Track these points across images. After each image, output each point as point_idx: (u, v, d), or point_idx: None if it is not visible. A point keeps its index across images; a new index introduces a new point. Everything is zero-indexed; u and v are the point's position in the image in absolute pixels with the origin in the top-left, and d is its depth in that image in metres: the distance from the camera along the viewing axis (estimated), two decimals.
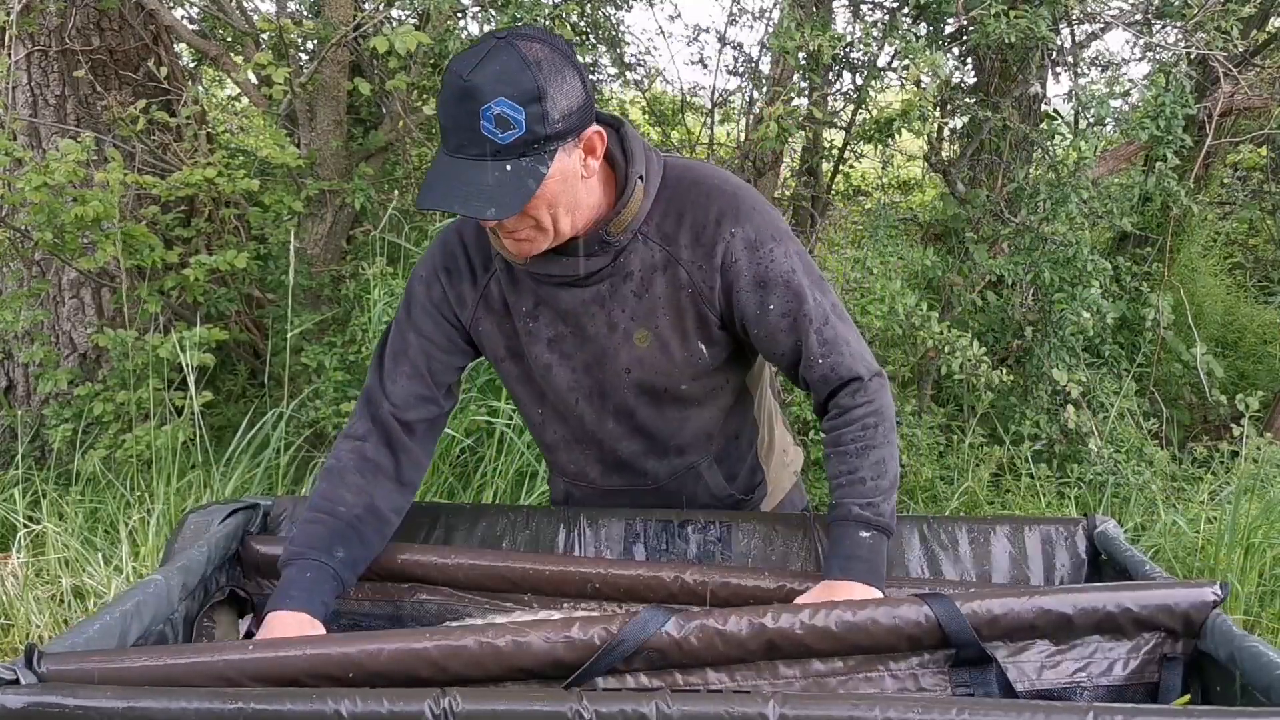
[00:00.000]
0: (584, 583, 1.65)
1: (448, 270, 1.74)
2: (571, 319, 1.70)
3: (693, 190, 1.66)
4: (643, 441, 1.82)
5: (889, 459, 1.66)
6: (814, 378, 1.68)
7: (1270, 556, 3.45)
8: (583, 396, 1.77)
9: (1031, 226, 4.24)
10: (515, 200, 1.46)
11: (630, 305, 1.68)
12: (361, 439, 1.71)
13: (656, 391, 1.75)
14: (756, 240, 1.63)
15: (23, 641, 3.01)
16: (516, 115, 1.43)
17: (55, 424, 3.70)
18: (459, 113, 1.44)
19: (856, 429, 1.66)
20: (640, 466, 1.86)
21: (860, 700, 1.06)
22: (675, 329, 1.69)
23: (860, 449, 1.65)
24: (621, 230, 1.62)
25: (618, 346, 1.70)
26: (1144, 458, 4.17)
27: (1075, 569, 1.72)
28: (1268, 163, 6.14)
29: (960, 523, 1.79)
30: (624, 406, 1.77)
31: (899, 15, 4.45)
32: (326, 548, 1.61)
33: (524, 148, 1.45)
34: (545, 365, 1.75)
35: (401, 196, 4.30)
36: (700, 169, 1.72)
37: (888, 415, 1.69)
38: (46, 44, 3.96)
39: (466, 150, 1.45)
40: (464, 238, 1.74)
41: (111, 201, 3.42)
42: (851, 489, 1.63)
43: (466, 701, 1.01)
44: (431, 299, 1.75)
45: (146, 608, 1.39)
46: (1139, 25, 4.77)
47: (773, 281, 1.64)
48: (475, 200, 1.45)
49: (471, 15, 4.47)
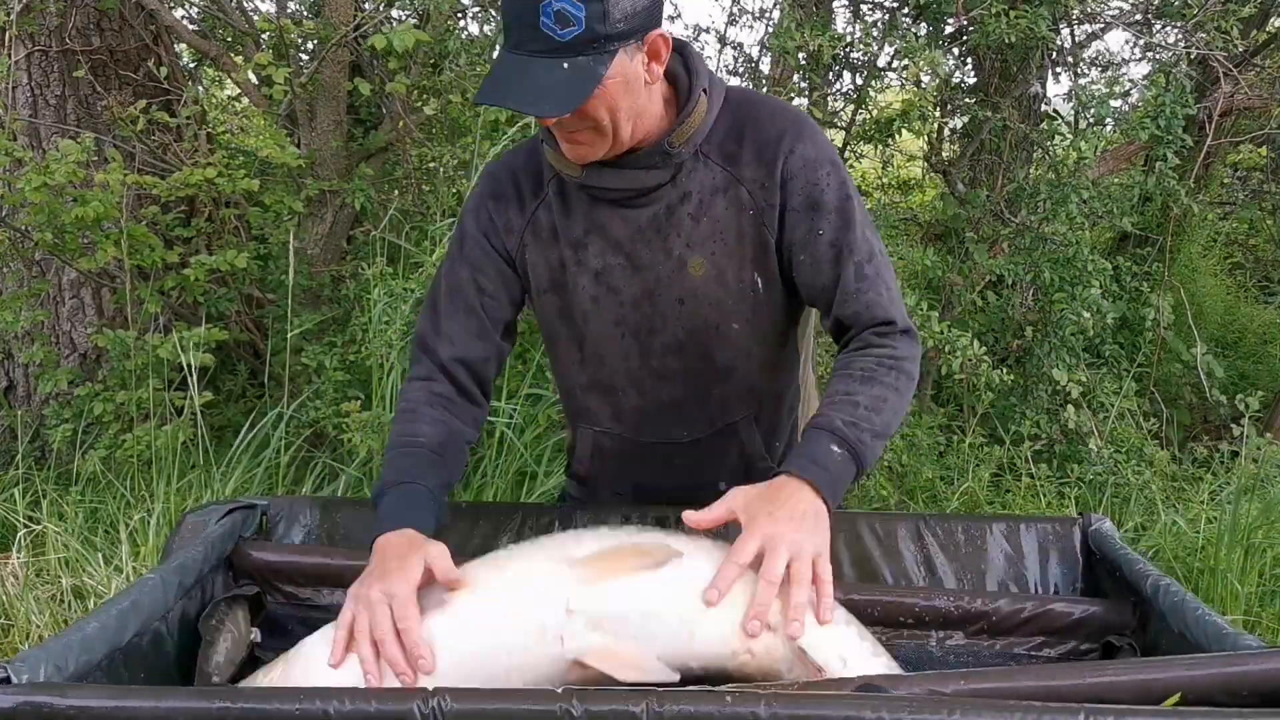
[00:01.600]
0: None
1: (494, 197, 1.71)
2: (624, 247, 1.66)
3: (755, 109, 1.63)
4: (685, 386, 1.76)
5: (892, 401, 1.54)
6: (846, 313, 1.61)
7: (1270, 556, 3.45)
8: (629, 331, 1.72)
9: (1031, 226, 4.24)
10: (572, 99, 1.43)
11: (687, 229, 1.64)
12: (425, 379, 1.69)
13: (708, 328, 1.69)
14: (816, 160, 1.60)
15: (23, 641, 3.01)
16: (576, 12, 1.40)
17: (55, 424, 3.71)
18: (521, 8, 1.42)
19: (870, 361, 1.56)
20: (679, 415, 1.79)
21: (853, 700, 1.06)
22: (733, 255, 1.64)
23: (865, 378, 1.54)
24: (684, 142, 1.59)
25: (672, 275, 1.66)
26: (1144, 458, 4.17)
27: (1070, 568, 1.72)
28: (1268, 163, 6.14)
29: (956, 521, 1.79)
30: (672, 343, 1.71)
31: (899, 15, 4.45)
32: (416, 476, 1.57)
33: (583, 46, 1.42)
34: (591, 298, 1.70)
35: (401, 196, 4.30)
36: (763, 95, 1.70)
37: (908, 369, 1.58)
38: (46, 44, 3.97)
39: (526, 46, 1.43)
40: (513, 166, 1.71)
41: (112, 202, 3.42)
42: (841, 406, 1.51)
43: (455, 701, 1.01)
44: (480, 227, 1.71)
45: (142, 607, 1.40)
46: (1139, 25, 4.77)
47: (825, 206, 1.60)
48: (531, 96, 1.43)
49: (471, 15, 4.48)
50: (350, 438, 3.46)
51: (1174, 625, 1.39)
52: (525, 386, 3.62)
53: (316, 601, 1.67)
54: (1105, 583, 1.67)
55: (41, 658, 1.17)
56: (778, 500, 1.42)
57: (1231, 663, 1.13)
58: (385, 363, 3.50)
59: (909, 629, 1.63)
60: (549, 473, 3.56)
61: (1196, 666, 1.14)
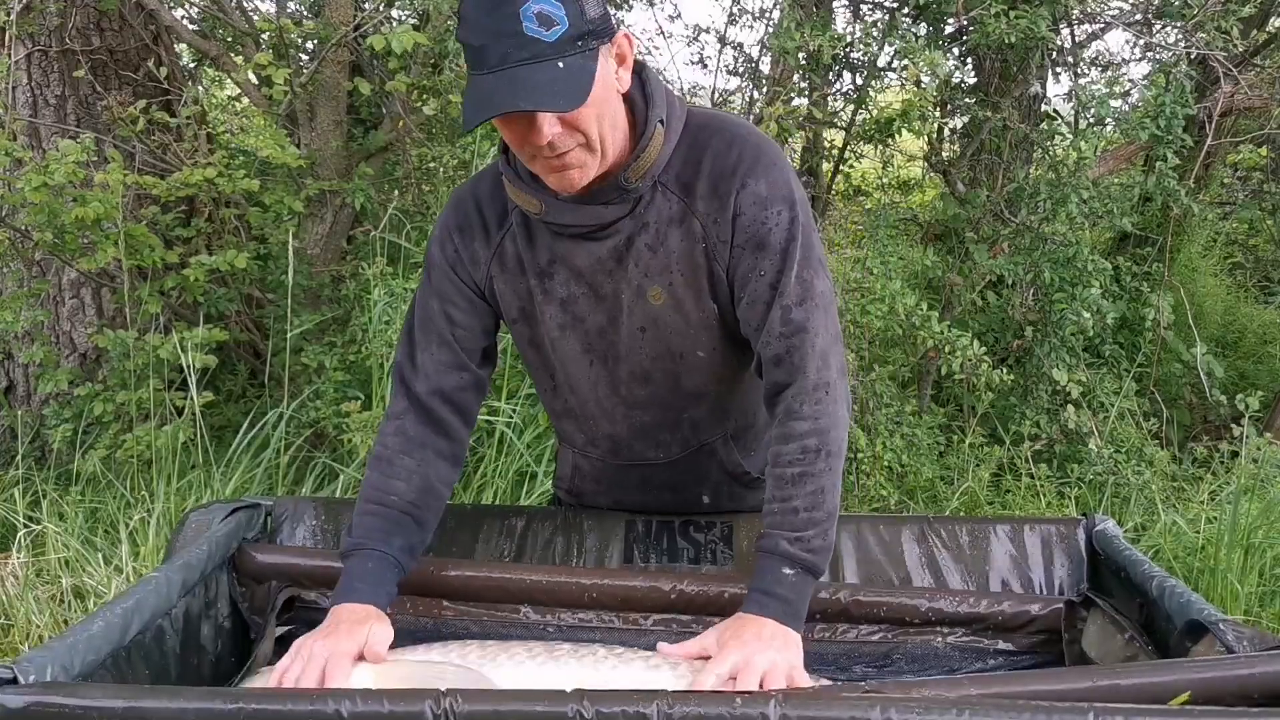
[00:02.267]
0: (581, 593, 1.65)
1: (460, 229, 1.68)
2: (586, 277, 1.64)
3: (715, 139, 1.59)
4: (655, 413, 1.75)
5: (827, 489, 1.54)
6: (767, 355, 1.58)
7: (1270, 556, 3.45)
8: (596, 359, 1.71)
9: (1031, 226, 4.24)
10: (579, 92, 1.40)
11: (645, 260, 1.61)
12: (400, 417, 1.68)
13: (672, 355, 1.68)
14: (768, 198, 1.55)
15: (23, 641, 3.01)
16: (557, 11, 1.37)
17: (55, 424, 3.70)
18: (496, 21, 1.38)
19: (795, 450, 1.54)
20: (652, 439, 1.79)
21: (860, 700, 1.06)
22: (689, 286, 1.62)
23: (797, 475, 1.53)
24: (640, 176, 1.55)
25: (632, 304, 1.64)
26: (1144, 458, 4.17)
27: (1075, 569, 1.72)
28: (1268, 163, 6.14)
29: (960, 523, 1.79)
30: (638, 371, 1.70)
31: (899, 15, 4.45)
32: (384, 538, 1.59)
33: (570, 45, 1.39)
34: (559, 326, 1.69)
35: (401, 196, 4.30)
36: (726, 118, 1.64)
37: (832, 439, 1.56)
38: (46, 44, 3.96)
39: (511, 59, 1.38)
40: (478, 195, 1.68)
41: (112, 202, 3.42)
42: (783, 519, 1.52)
43: (467, 702, 1.01)
44: (447, 259, 1.69)
45: (146, 605, 1.40)
46: (1139, 25, 4.78)
47: (769, 246, 1.56)
48: (538, 95, 1.38)
49: None
50: (350, 438, 3.45)
51: (1180, 626, 1.38)
52: (525, 386, 3.62)
53: (321, 604, 1.67)
54: (1110, 583, 1.67)
55: (48, 657, 1.17)
56: (744, 632, 1.45)
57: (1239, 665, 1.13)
58: (385, 363, 3.49)
59: (915, 628, 1.63)
60: (549, 473, 3.56)
61: (1204, 669, 1.13)
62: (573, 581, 1.65)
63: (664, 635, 1.62)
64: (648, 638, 1.61)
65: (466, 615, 1.67)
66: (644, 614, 1.64)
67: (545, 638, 1.63)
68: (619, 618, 1.65)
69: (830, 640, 1.64)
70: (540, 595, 1.65)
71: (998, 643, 1.62)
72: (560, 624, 1.66)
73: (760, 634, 1.44)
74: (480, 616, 1.66)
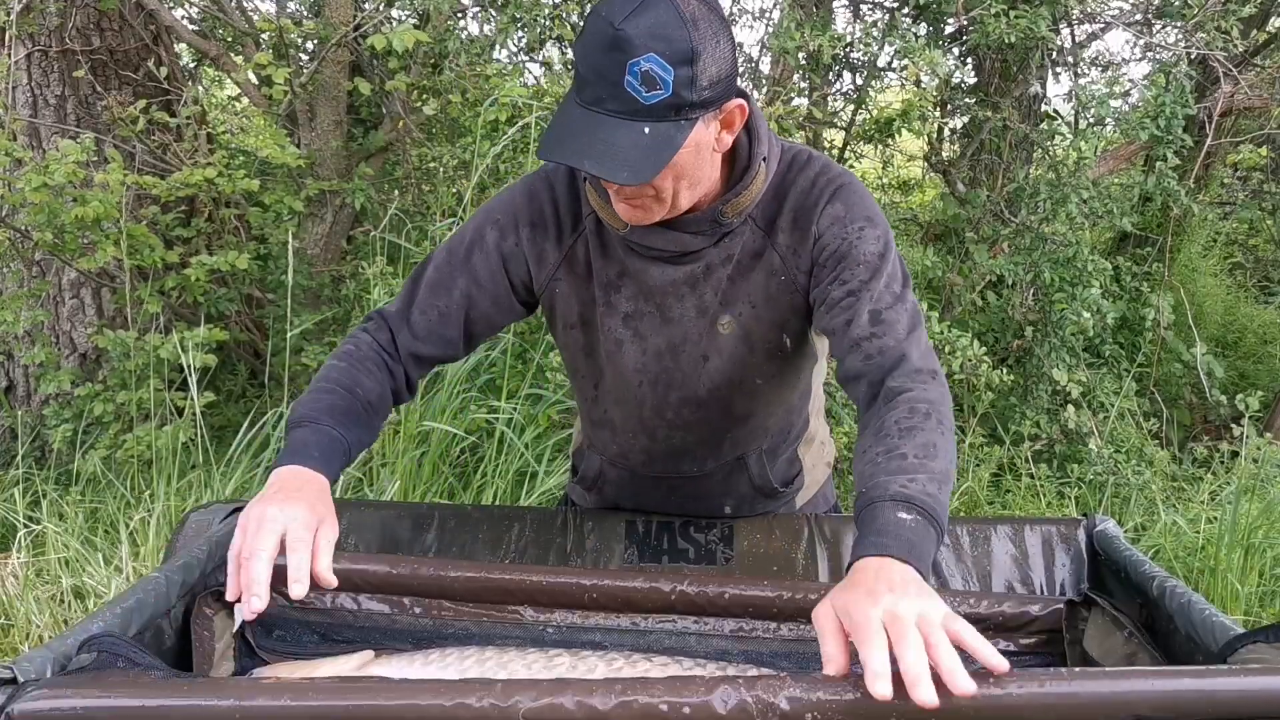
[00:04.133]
0: (581, 594, 1.64)
1: (533, 225, 1.63)
2: (656, 296, 1.61)
3: (800, 176, 1.57)
4: (699, 434, 1.72)
5: (940, 446, 1.31)
6: (857, 359, 1.46)
7: (1270, 556, 3.45)
8: (648, 381, 1.67)
9: (1031, 226, 4.24)
10: (650, 167, 1.36)
11: (723, 289, 1.59)
12: (382, 347, 1.63)
13: (730, 384, 1.65)
14: (847, 217, 1.53)
15: (23, 641, 3.01)
16: (665, 75, 1.33)
17: (55, 424, 3.70)
18: (605, 63, 1.34)
19: (902, 411, 1.36)
20: (690, 456, 1.76)
21: None
22: (762, 319, 1.60)
23: (904, 430, 1.33)
24: (737, 213, 1.54)
25: (701, 332, 1.62)
26: (1144, 458, 4.17)
27: (1076, 569, 1.72)
28: (1268, 163, 6.15)
29: (961, 523, 1.79)
30: (692, 398, 1.66)
31: (899, 15, 4.45)
32: (342, 421, 1.50)
33: (666, 111, 1.35)
34: (616, 341, 1.65)
35: (401, 196, 4.30)
36: (815, 157, 1.61)
37: (944, 411, 1.38)
38: (46, 44, 3.96)
39: (605, 105, 1.35)
40: (555, 192, 1.63)
41: (112, 202, 3.42)
42: (889, 464, 1.28)
43: None
44: (502, 250, 1.63)
45: (145, 604, 1.40)
46: (1139, 25, 4.78)
47: (852, 257, 1.51)
48: (609, 161, 1.35)
49: (471, 15, 4.48)
50: None
51: (1181, 627, 1.38)
52: (525, 386, 3.62)
53: (322, 605, 1.67)
54: (1110, 583, 1.67)
55: (47, 657, 1.17)
56: (863, 583, 1.14)
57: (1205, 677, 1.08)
58: None
59: None
60: (549, 472, 3.56)
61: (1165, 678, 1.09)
62: (573, 582, 1.65)
63: (664, 636, 1.62)
64: (648, 639, 1.61)
65: (466, 616, 1.67)
66: (644, 615, 1.64)
67: (545, 639, 1.63)
68: (619, 618, 1.64)
69: None
70: (540, 596, 1.65)
71: (998, 642, 1.62)
72: (560, 625, 1.65)
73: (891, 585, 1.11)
74: (480, 617, 1.66)
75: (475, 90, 3.94)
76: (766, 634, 1.62)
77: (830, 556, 1.79)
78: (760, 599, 1.61)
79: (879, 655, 1.04)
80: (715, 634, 1.62)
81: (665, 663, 1.49)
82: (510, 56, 4.31)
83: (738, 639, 1.62)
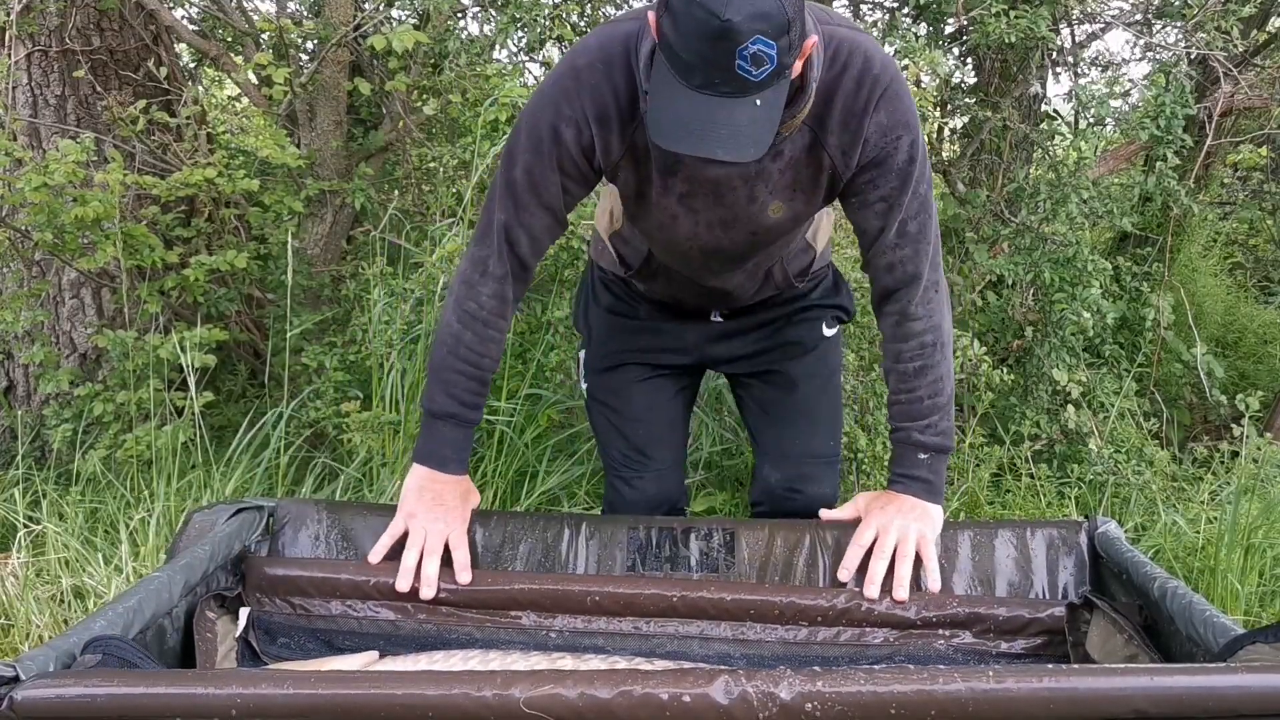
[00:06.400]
0: (583, 598, 1.65)
1: (600, 120, 1.70)
2: (710, 185, 1.74)
3: (845, 76, 1.66)
4: (740, 275, 1.97)
5: (945, 376, 1.80)
6: (881, 264, 1.78)
7: (1270, 556, 3.45)
8: (698, 246, 1.85)
9: (1031, 226, 4.23)
10: (768, 134, 1.46)
11: (774, 181, 1.73)
12: (501, 279, 1.79)
13: (773, 250, 1.90)
14: (890, 125, 1.67)
15: (23, 641, 3.00)
16: (770, 50, 1.39)
17: (55, 424, 3.70)
18: (714, 52, 1.39)
19: (915, 347, 1.79)
20: (728, 289, 2.02)
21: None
22: (809, 201, 1.78)
23: (919, 369, 1.78)
24: (791, 131, 1.65)
25: (753, 215, 1.77)
26: (1144, 458, 4.16)
27: (1077, 571, 1.73)
28: (1268, 163, 6.14)
29: (964, 528, 1.80)
30: (734, 257, 1.88)
31: (899, 15, 4.45)
32: (476, 404, 1.78)
33: (773, 79, 1.43)
34: (671, 215, 1.80)
35: (401, 196, 4.30)
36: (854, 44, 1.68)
37: (944, 330, 1.80)
38: (46, 44, 3.96)
39: (717, 88, 1.42)
40: (616, 87, 1.69)
41: (111, 202, 3.41)
42: (909, 408, 1.80)
43: None
44: (581, 144, 1.73)
45: (148, 604, 1.40)
46: (1139, 25, 4.77)
47: (888, 165, 1.69)
48: (735, 142, 1.44)
49: (471, 15, 4.48)
50: (350, 438, 3.45)
51: (1182, 628, 1.38)
52: (525, 386, 3.61)
53: (327, 612, 1.67)
54: (1112, 585, 1.67)
55: (49, 655, 1.17)
56: (889, 504, 1.77)
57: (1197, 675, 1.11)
58: (385, 363, 3.49)
59: (917, 630, 1.63)
60: (549, 472, 3.56)
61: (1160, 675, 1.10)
62: (575, 588, 1.65)
63: (666, 640, 1.62)
64: (650, 643, 1.62)
65: (469, 622, 1.67)
66: (646, 619, 1.65)
67: (548, 644, 1.63)
68: (621, 622, 1.64)
69: (832, 643, 1.65)
70: (543, 601, 1.65)
71: (1000, 644, 1.62)
72: (563, 630, 1.66)
73: (901, 507, 1.77)
74: (484, 623, 1.66)
75: (475, 90, 3.93)
76: (768, 638, 1.62)
77: (831, 563, 1.79)
78: (762, 603, 1.61)
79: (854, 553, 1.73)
80: (717, 638, 1.62)
81: (667, 666, 1.50)
82: (510, 56, 4.31)
83: (739, 643, 1.62)
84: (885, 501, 1.78)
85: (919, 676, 1.06)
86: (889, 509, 1.77)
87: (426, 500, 1.73)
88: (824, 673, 1.07)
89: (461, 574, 1.67)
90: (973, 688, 1.04)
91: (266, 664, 1.60)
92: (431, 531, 1.68)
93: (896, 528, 1.72)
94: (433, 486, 1.75)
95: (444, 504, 1.73)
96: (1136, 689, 1.05)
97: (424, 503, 1.73)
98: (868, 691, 1.03)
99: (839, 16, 1.74)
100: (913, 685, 1.04)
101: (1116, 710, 1.04)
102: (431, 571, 1.66)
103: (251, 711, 1.02)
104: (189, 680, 1.07)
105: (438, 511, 1.71)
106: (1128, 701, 1.04)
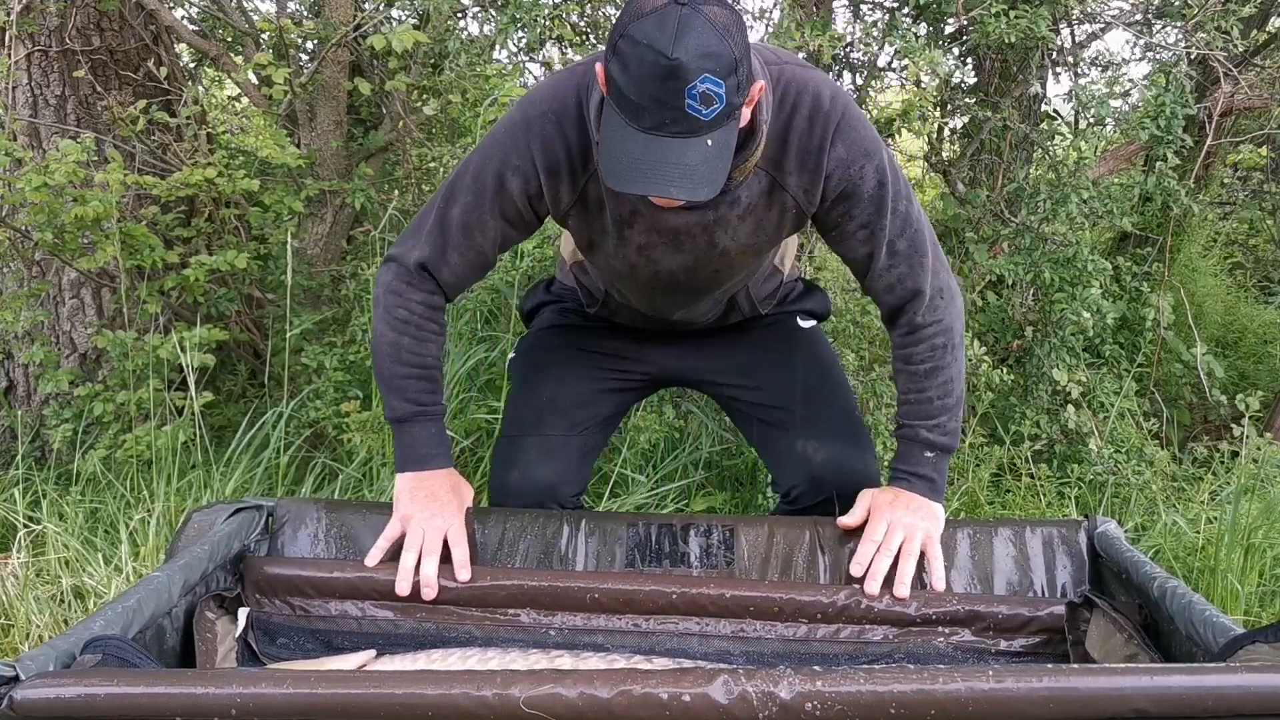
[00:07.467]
0: (583, 595, 1.65)
1: (550, 171, 1.71)
2: (669, 234, 1.74)
3: (796, 115, 1.66)
4: (701, 304, 1.97)
5: (955, 377, 1.81)
6: (880, 287, 1.78)
7: (1270, 556, 3.45)
8: (660, 288, 1.87)
9: (1031, 226, 4.23)
10: (720, 173, 1.45)
11: (734, 228, 1.73)
12: (433, 305, 1.80)
13: (736, 281, 1.90)
14: (849, 158, 1.67)
15: (23, 641, 3.00)
16: (718, 90, 1.40)
17: (55, 424, 3.70)
18: (663, 92, 1.39)
19: (925, 349, 1.79)
20: (691, 318, 2.03)
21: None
22: (772, 240, 1.80)
23: (929, 370, 1.79)
24: (745, 176, 1.65)
25: (714, 260, 1.78)
26: (1144, 458, 4.16)
27: (1077, 570, 1.73)
28: (1268, 163, 6.14)
29: (963, 526, 1.80)
30: (699, 290, 1.89)
31: (899, 15, 4.44)
32: (434, 399, 1.78)
33: (722, 120, 1.44)
34: (629, 264, 1.81)
35: (401, 196, 4.30)
36: (801, 81, 1.68)
37: (955, 333, 1.80)
38: (46, 44, 3.96)
39: (668, 129, 1.42)
40: (567, 138, 1.69)
41: (111, 202, 3.41)
42: (918, 408, 1.80)
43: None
44: (528, 192, 1.73)
45: (147, 604, 1.40)
46: (1139, 25, 4.77)
47: (859, 195, 1.69)
48: (688, 181, 1.43)
49: (471, 15, 4.47)
50: (350, 438, 3.45)
51: (1182, 627, 1.38)
52: None
53: (326, 613, 1.67)
54: (1111, 584, 1.67)
55: (49, 655, 1.17)
56: (896, 502, 1.78)
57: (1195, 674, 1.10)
58: None
59: (917, 628, 1.63)
60: None
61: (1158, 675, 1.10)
62: (575, 585, 1.65)
63: (666, 637, 1.62)
64: (650, 640, 1.62)
65: (469, 620, 1.67)
66: (645, 616, 1.65)
67: (547, 641, 1.63)
68: (621, 620, 1.65)
69: (831, 640, 1.65)
70: (542, 599, 1.65)
71: (1000, 643, 1.62)
72: (562, 627, 1.66)
73: (910, 504, 1.78)
74: (483, 621, 1.67)
75: (475, 90, 3.93)
76: (768, 635, 1.62)
77: (831, 559, 1.79)
78: (761, 600, 1.61)
79: (867, 549, 1.73)
80: (716, 635, 1.62)
81: (666, 664, 1.50)
82: (510, 57, 4.31)
83: (739, 640, 1.62)
84: (892, 497, 1.79)
85: (919, 676, 1.06)
86: (898, 506, 1.78)
87: (420, 499, 1.73)
88: (824, 672, 1.07)
89: (461, 571, 1.67)
90: (972, 687, 1.04)
91: (265, 665, 1.60)
92: (430, 529, 1.68)
93: (905, 525, 1.74)
94: (422, 485, 1.76)
95: (437, 499, 1.72)
96: (1136, 689, 1.05)
97: (417, 502, 1.73)
98: (867, 691, 1.03)
99: (786, 54, 1.74)
100: (912, 685, 1.04)
101: (1116, 710, 1.05)
102: (431, 572, 1.66)
103: (251, 711, 1.02)
104: (189, 680, 1.07)
105: (433, 508, 1.71)
106: (1128, 701, 1.04)
